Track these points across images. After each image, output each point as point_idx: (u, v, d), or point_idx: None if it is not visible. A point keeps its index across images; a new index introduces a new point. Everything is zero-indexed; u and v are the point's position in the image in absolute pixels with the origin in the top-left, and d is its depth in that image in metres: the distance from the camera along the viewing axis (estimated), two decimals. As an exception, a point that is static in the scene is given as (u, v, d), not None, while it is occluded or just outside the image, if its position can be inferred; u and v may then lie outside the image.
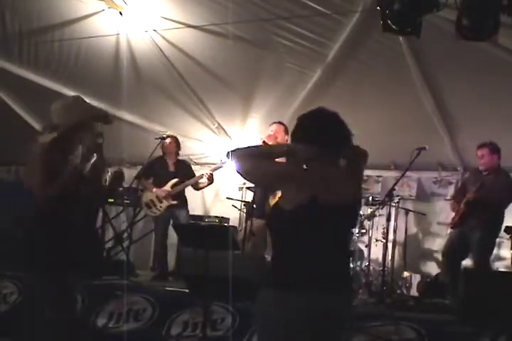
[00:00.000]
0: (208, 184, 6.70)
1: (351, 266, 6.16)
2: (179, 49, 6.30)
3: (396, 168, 7.20)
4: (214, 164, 7.50)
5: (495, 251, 6.38)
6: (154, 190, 6.61)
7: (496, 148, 5.60)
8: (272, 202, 5.20)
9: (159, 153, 6.73)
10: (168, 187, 6.55)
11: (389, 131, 6.71)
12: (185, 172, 6.70)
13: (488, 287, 4.35)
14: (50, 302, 2.96)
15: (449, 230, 5.96)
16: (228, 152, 2.45)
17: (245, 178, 2.59)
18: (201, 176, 6.64)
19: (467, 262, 5.89)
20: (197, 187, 6.75)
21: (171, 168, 6.70)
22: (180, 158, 6.89)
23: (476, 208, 5.54)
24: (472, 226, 5.56)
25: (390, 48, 5.57)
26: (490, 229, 5.61)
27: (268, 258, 5.76)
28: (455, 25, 4.14)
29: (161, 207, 6.56)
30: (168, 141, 6.67)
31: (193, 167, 7.11)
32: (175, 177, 6.58)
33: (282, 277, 2.39)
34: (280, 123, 5.73)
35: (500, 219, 5.61)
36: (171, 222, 6.44)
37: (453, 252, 5.69)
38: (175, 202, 6.52)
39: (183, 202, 6.64)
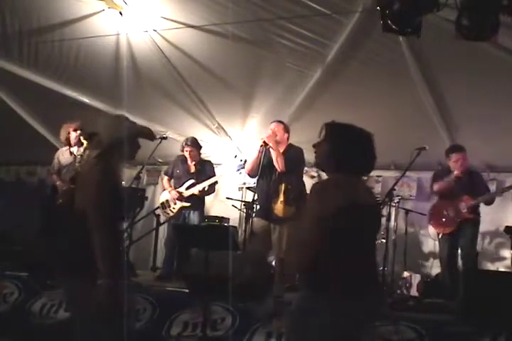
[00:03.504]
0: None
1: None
2: (179, 49, 6.30)
3: (396, 168, 7.19)
4: (214, 164, 7.49)
5: (495, 252, 6.42)
6: (170, 190, 6.62)
7: (465, 150, 5.85)
8: (277, 202, 5.20)
9: (157, 153, 6.72)
10: (183, 188, 6.56)
11: (389, 131, 6.69)
12: (204, 173, 6.65)
13: (488, 287, 4.35)
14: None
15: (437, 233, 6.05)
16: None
17: None
18: (214, 180, 6.64)
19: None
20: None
21: (192, 169, 6.68)
22: (203, 157, 6.88)
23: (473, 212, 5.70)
24: (464, 228, 5.67)
25: (390, 48, 5.57)
26: (477, 230, 5.82)
27: (273, 259, 5.79)
28: (455, 25, 4.13)
29: (174, 208, 6.58)
30: (185, 149, 6.61)
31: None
32: (192, 179, 6.58)
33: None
34: (280, 121, 5.75)
35: None
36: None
37: (453, 256, 5.77)
38: (188, 205, 6.52)
39: (197, 203, 6.62)
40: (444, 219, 5.87)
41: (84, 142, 6.23)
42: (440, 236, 5.95)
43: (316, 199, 2.55)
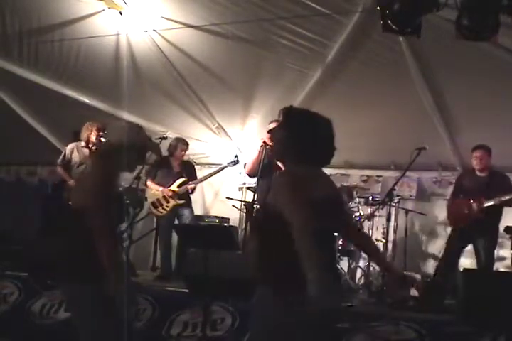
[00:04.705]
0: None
1: (351, 266, 6.18)
2: (179, 49, 6.30)
3: (396, 168, 7.20)
4: (214, 164, 7.48)
5: (495, 252, 6.39)
6: (161, 189, 6.63)
7: (490, 150, 5.76)
8: None
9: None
10: (174, 186, 6.58)
11: (389, 131, 6.71)
12: (189, 172, 6.75)
13: (488, 287, 4.35)
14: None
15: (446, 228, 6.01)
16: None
17: None
18: (212, 174, 6.75)
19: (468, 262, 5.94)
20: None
21: (176, 169, 6.72)
22: (185, 158, 6.92)
23: (489, 212, 5.64)
24: (481, 229, 5.63)
25: (390, 48, 5.57)
26: (496, 231, 5.75)
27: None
28: (455, 25, 4.14)
29: (167, 206, 6.59)
30: (181, 148, 6.67)
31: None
32: (180, 177, 6.61)
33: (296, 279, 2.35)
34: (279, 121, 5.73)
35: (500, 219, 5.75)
36: (176, 221, 6.50)
37: (457, 253, 5.75)
38: (182, 202, 6.55)
39: (187, 201, 6.68)
40: (458, 215, 5.80)
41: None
42: (451, 231, 5.92)
43: (292, 195, 2.35)
